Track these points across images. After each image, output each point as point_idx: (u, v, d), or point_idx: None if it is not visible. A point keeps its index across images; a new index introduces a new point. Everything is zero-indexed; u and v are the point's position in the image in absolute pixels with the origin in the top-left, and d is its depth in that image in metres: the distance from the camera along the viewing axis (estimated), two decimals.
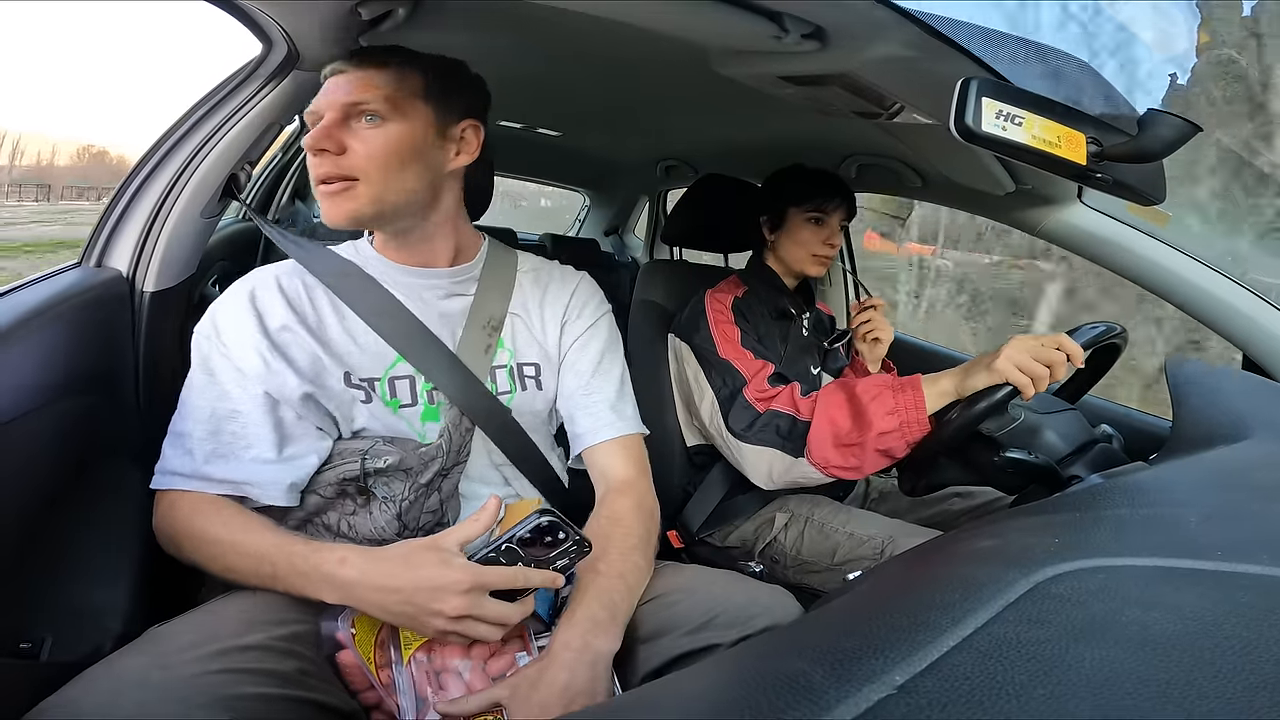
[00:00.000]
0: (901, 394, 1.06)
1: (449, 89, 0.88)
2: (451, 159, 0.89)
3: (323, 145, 0.81)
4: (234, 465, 0.80)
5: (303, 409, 0.83)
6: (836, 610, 0.50)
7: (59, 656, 0.71)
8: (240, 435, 0.81)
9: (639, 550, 0.86)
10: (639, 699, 0.46)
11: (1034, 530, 0.52)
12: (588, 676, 0.70)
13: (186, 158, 1.04)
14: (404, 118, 0.83)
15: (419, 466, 0.84)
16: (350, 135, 0.82)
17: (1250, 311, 1.14)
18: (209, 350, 0.83)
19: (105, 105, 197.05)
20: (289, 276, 0.90)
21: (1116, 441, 1.10)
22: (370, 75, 0.83)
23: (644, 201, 3.09)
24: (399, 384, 0.89)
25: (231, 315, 0.85)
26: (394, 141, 0.83)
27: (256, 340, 0.82)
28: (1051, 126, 0.72)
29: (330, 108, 0.83)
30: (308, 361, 0.85)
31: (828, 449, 1.10)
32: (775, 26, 0.78)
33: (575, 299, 1.02)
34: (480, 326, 0.94)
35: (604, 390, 0.99)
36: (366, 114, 0.82)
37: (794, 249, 1.39)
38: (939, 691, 0.28)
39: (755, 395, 1.21)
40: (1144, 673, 0.28)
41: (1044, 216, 1.27)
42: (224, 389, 0.82)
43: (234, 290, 0.87)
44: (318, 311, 0.88)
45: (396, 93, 0.83)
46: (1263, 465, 0.64)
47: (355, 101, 0.82)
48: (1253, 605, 0.33)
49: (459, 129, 0.89)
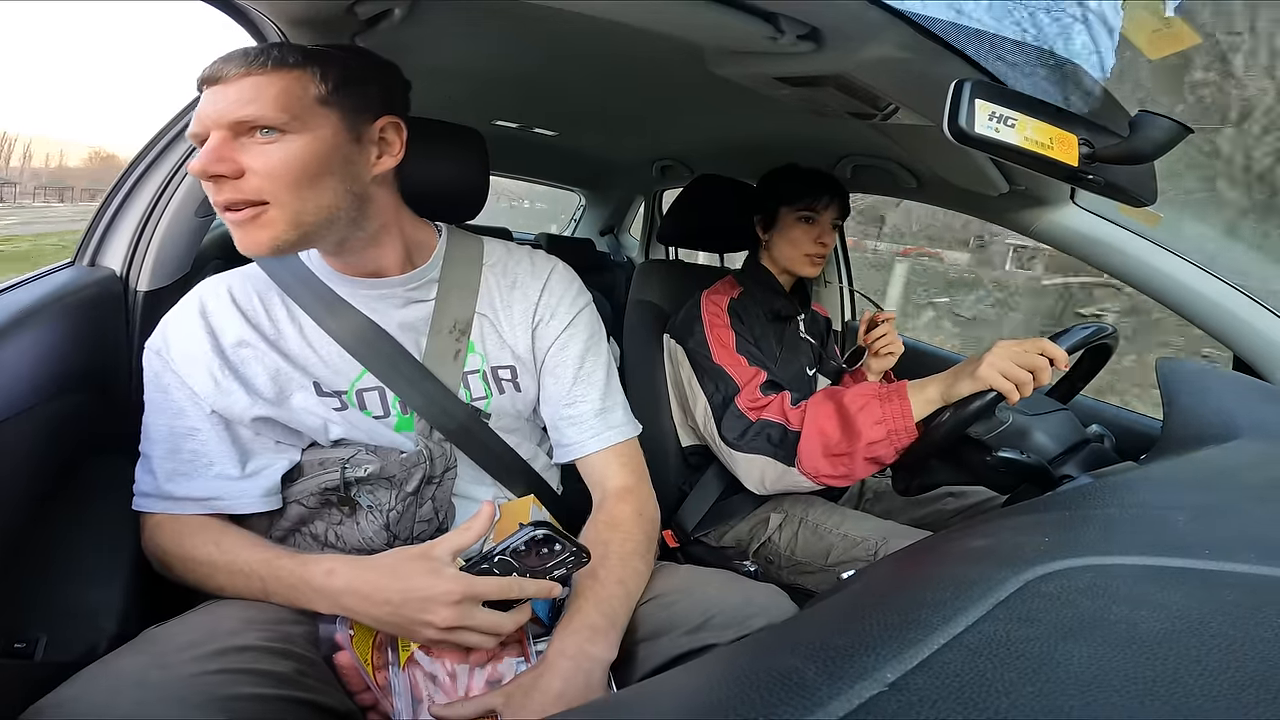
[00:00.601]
0: (888, 403, 1.07)
1: (355, 86, 0.77)
2: (373, 164, 0.79)
3: (215, 171, 0.70)
4: (198, 483, 0.79)
5: (258, 428, 0.81)
6: (829, 608, 0.50)
7: (54, 656, 0.70)
8: (201, 453, 0.80)
9: (639, 556, 0.85)
10: (633, 697, 0.46)
11: (1025, 529, 0.52)
12: (583, 684, 0.70)
13: (180, 158, 1.04)
14: (305, 127, 0.72)
15: (402, 475, 0.82)
16: (244, 154, 0.71)
17: (1239, 311, 1.14)
18: (160, 368, 0.81)
19: (105, 107, 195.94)
20: (241, 286, 0.85)
21: (1108, 441, 1.11)
22: (256, 82, 0.71)
23: (639, 201, 3.09)
24: (367, 396, 0.85)
25: (182, 332, 0.81)
26: (297, 156, 0.72)
27: (208, 359, 0.79)
28: (1044, 128, 0.73)
29: (216, 126, 0.71)
30: (268, 377, 0.81)
31: (818, 459, 1.11)
32: (770, 27, 0.79)
33: (546, 296, 0.95)
34: (446, 332, 0.88)
35: (588, 397, 0.94)
36: (260, 128, 0.71)
37: (786, 248, 1.39)
38: (930, 689, 0.29)
39: (747, 404, 1.21)
40: (1131, 671, 0.28)
41: (1037, 217, 1.27)
42: (179, 406, 0.80)
43: (184, 304, 0.84)
44: (275, 323, 0.84)
45: (291, 100, 0.72)
46: (1251, 465, 0.64)
47: (243, 119, 0.70)
48: (1239, 603, 0.34)
49: (375, 129, 0.79)
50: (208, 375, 0.79)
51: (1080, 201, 1.24)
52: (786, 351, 1.41)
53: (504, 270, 0.95)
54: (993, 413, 1.02)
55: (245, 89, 0.71)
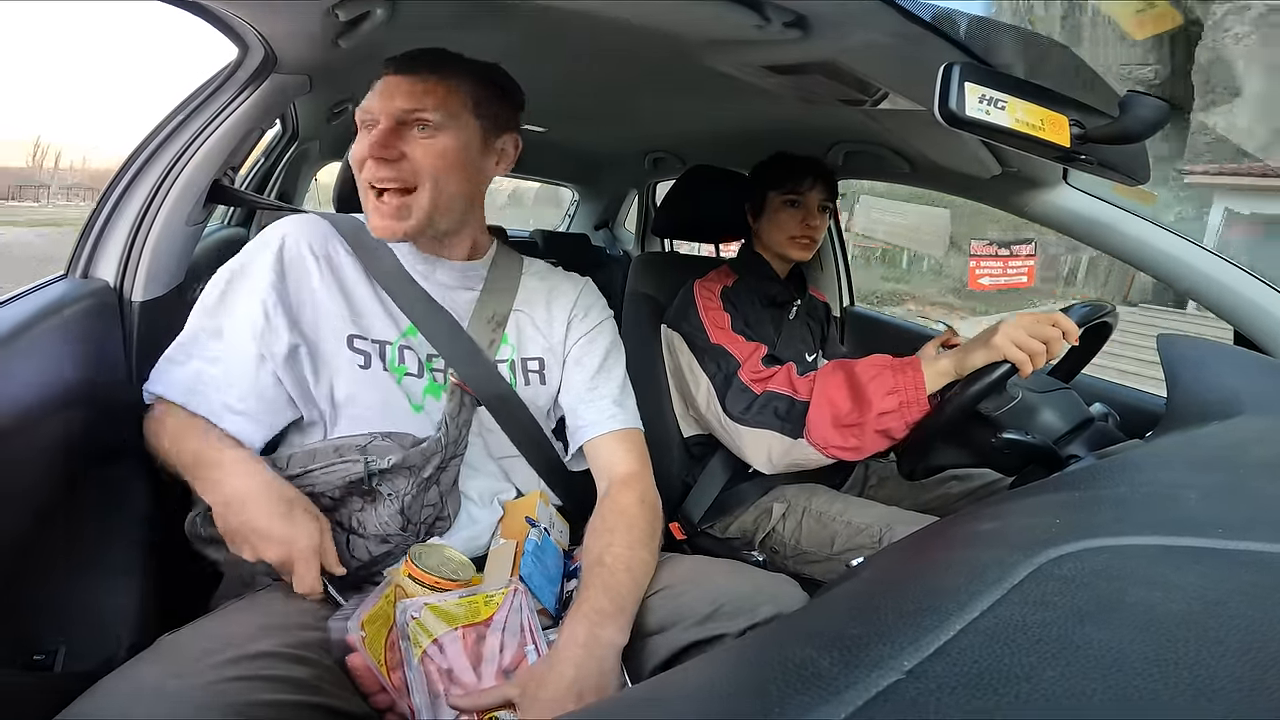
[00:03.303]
0: (901, 374, 1.06)
1: (495, 101, 0.91)
2: (492, 169, 0.94)
3: (382, 153, 0.83)
4: (199, 395, 0.83)
5: (284, 367, 0.85)
6: (841, 597, 0.50)
7: (73, 667, 0.71)
8: (213, 375, 0.84)
9: (643, 544, 0.86)
10: (648, 692, 0.46)
11: (1034, 511, 0.52)
12: (596, 671, 0.70)
13: (167, 165, 1.02)
14: (457, 129, 0.86)
15: (420, 462, 0.84)
16: (405, 143, 0.84)
17: (1238, 286, 1.14)
18: (225, 288, 0.87)
19: (118, 110, 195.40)
20: (320, 232, 0.92)
21: (1112, 419, 1.11)
22: (426, 83, 0.84)
23: (633, 195, 3.08)
24: (408, 353, 0.90)
25: (254, 264, 0.88)
26: (449, 152, 0.85)
27: (266, 294, 0.85)
28: (1034, 110, 0.73)
29: (385, 113, 0.84)
30: (320, 312, 0.87)
31: (827, 429, 1.11)
32: (757, 15, 0.78)
33: (582, 298, 1.05)
34: (485, 321, 0.96)
35: (608, 386, 1.01)
36: (421, 123, 0.84)
37: (774, 232, 1.40)
38: (947, 676, 0.28)
39: (751, 377, 1.21)
40: (1152, 653, 0.28)
41: (1031, 199, 1.27)
42: (219, 326, 0.85)
43: (263, 238, 0.90)
44: (343, 268, 0.91)
45: (451, 104, 0.85)
46: (1257, 441, 0.64)
47: (413, 109, 0.83)
48: (1256, 583, 0.34)
49: (500, 141, 0.93)
50: (260, 309, 0.84)
51: (1073, 182, 1.24)
52: (784, 338, 1.41)
53: (542, 277, 1.06)
54: (1004, 387, 1.01)
55: (416, 88, 0.84)
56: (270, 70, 0.96)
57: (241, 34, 0.90)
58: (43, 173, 19.30)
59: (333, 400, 0.87)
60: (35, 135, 52.08)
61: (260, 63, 0.95)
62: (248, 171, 1.93)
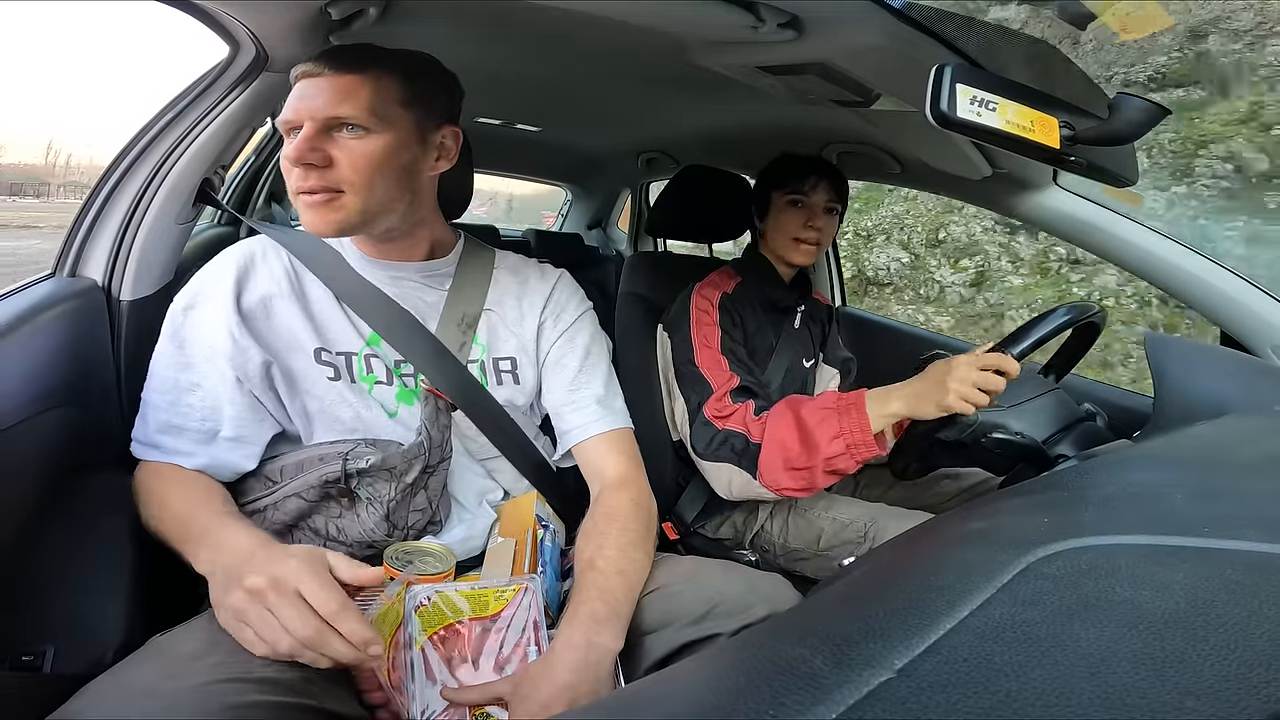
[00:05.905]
0: (846, 417, 1.06)
1: (428, 95, 0.86)
2: (432, 165, 0.89)
3: (308, 160, 0.79)
4: (186, 439, 0.83)
5: (261, 386, 0.84)
6: (833, 595, 0.50)
7: (62, 668, 0.70)
8: (197, 408, 0.83)
9: (637, 546, 0.86)
10: (640, 692, 0.46)
11: (1024, 511, 0.52)
12: (592, 677, 0.70)
13: (156, 164, 1.02)
14: (388, 128, 0.81)
15: (402, 466, 0.83)
16: (333, 145, 0.80)
17: (1225, 287, 1.15)
18: (180, 323, 0.86)
19: (110, 106, 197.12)
20: (274, 252, 0.91)
21: (1101, 419, 1.11)
22: (349, 82, 0.80)
23: (626, 194, 3.07)
24: (374, 361, 0.89)
25: (209, 290, 0.86)
26: (379, 152, 0.81)
27: (229, 318, 0.84)
28: (1025, 111, 0.73)
29: (310, 119, 0.79)
30: (284, 330, 0.86)
31: (779, 472, 1.11)
32: (751, 16, 0.79)
33: (555, 295, 1.01)
34: (455, 323, 0.93)
35: (591, 385, 0.98)
36: (349, 125, 0.80)
37: (777, 234, 1.38)
38: (938, 673, 0.29)
39: (714, 413, 1.21)
40: (1140, 651, 0.28)
41: (1021, 200, 1.28)
42: (189, 361, 0.84)
43: (216, 263, 0.89)
44: (302, 284, 0.90)
45: (379, 102, 0.81)
46: (1244, 441, 0.65)
47: (337, 115, 0.79)
48: (1241, 582, 0.34)
49: (439, 136, 0.89)
50: (226, 333, 0.83)
51: (1063, 183, 1.25)
52: (783, 344, 1.40)
53: (514, 272, 1.02)
54: (957, 421, 1.01)
55: (340, 88, 0.80)
56: (261, 68, 0.96)
57: (233, 32, 0.90)
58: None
59: (306, 414, 0.87)
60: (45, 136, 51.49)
61: (251, 61, 0.94)
62: (238, 170, 1.92)
